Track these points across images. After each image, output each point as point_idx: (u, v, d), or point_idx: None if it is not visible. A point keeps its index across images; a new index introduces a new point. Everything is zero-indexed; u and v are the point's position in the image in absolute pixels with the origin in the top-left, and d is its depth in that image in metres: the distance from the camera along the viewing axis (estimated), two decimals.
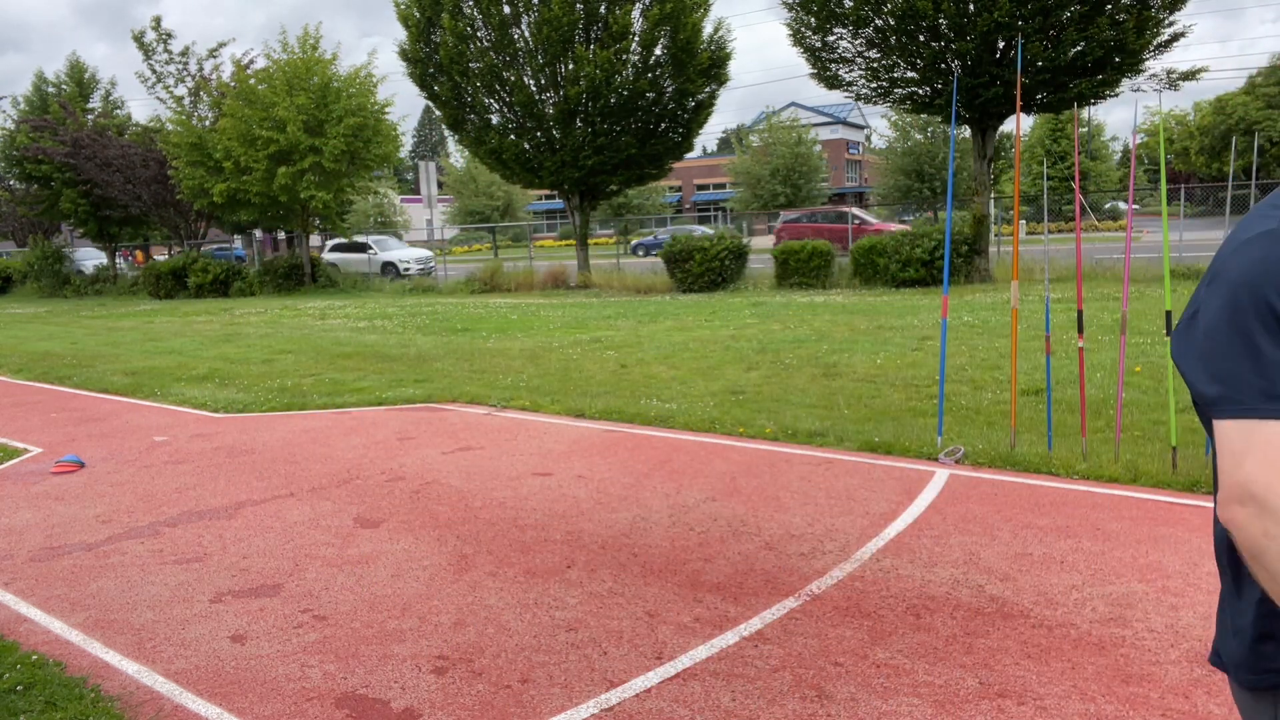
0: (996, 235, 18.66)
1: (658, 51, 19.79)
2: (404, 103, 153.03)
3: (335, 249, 29.96)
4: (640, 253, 35.07)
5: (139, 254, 37.98)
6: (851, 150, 67.13)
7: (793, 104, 57.36)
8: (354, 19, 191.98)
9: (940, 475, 5.25)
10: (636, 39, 19.54)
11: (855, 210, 30.53)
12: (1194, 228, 24.51)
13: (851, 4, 15.68)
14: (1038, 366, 7.84)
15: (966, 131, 17.03)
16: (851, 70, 17.12)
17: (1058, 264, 16.45)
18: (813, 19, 16.53)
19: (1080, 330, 5.35)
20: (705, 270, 18.48)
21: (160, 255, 33.05)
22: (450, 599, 3.83)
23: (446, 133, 26.10)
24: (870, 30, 15.95)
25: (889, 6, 15.19)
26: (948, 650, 3.18)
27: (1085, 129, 51.50)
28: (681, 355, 10.15)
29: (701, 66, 20.09)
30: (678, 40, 19.47)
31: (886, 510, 4.71)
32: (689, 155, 26.16)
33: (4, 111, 31.93)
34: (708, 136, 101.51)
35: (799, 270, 17.97)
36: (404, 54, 20.98)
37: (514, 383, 8.96)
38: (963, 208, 21.73)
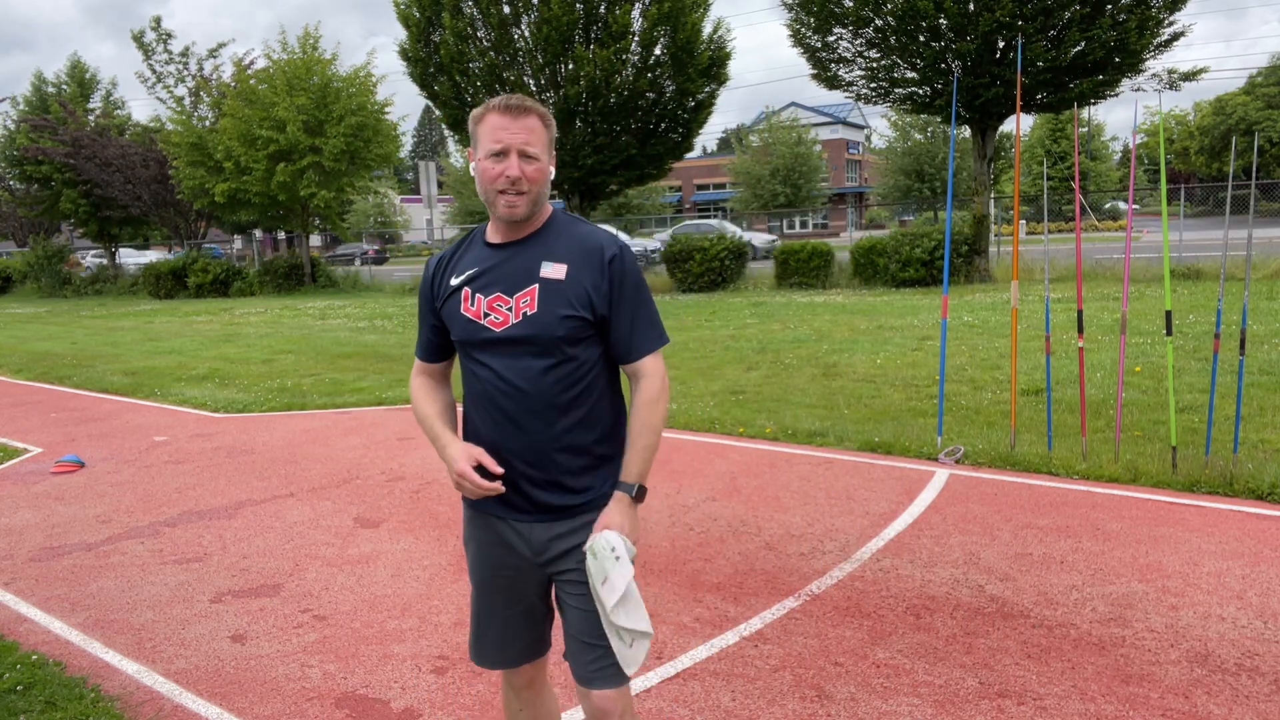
0: (996, 235, 18.65)
1: (657, 51, 19.75)
2: (404, 103, 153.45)
3: None
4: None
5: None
6: (851, 150, 67.09)
7: (793, 104, 57.34)
8: (360, 18, 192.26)
9: (940, 475, 5.25)
10: (636, 39, 19.51)
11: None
12: (1194, 228, 24.55)
13: (851, 4, 15.67)
14: (1038, 366, 7.84)
15: (966, 131, 17.03)
16: (851, 70, 17.13)
17: (1058, 264, 16.44)
18: (813, 19, 16.52)
19: (1080, 330, 5.35)
20: (705, 270, 18.48)
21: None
22: (450, 599, 3.83)
23: (446, 133, 26.06)
24: (870, 30, 15.95)
25: (889, 6, 15.18)
26: (948, 650, 3.18)
27: (1085, 129, 51.49)
28: (681, 355, 10.15)
29: (701, 66, 20.07)
30: (677, 40, 19.44)
31: (886, 510, 4.71)
32: (689, 155, 26.13)
33: (4, 112, 31.96)
34: (708, 136, 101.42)
35: (799, 270, 17.98)
36: (404, 54, 20.96)
37: None
38: (963, 208, 21.73)
